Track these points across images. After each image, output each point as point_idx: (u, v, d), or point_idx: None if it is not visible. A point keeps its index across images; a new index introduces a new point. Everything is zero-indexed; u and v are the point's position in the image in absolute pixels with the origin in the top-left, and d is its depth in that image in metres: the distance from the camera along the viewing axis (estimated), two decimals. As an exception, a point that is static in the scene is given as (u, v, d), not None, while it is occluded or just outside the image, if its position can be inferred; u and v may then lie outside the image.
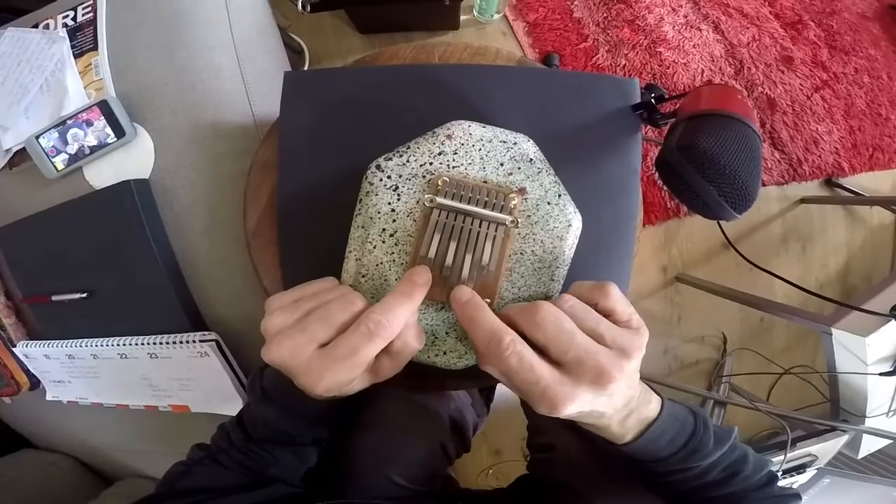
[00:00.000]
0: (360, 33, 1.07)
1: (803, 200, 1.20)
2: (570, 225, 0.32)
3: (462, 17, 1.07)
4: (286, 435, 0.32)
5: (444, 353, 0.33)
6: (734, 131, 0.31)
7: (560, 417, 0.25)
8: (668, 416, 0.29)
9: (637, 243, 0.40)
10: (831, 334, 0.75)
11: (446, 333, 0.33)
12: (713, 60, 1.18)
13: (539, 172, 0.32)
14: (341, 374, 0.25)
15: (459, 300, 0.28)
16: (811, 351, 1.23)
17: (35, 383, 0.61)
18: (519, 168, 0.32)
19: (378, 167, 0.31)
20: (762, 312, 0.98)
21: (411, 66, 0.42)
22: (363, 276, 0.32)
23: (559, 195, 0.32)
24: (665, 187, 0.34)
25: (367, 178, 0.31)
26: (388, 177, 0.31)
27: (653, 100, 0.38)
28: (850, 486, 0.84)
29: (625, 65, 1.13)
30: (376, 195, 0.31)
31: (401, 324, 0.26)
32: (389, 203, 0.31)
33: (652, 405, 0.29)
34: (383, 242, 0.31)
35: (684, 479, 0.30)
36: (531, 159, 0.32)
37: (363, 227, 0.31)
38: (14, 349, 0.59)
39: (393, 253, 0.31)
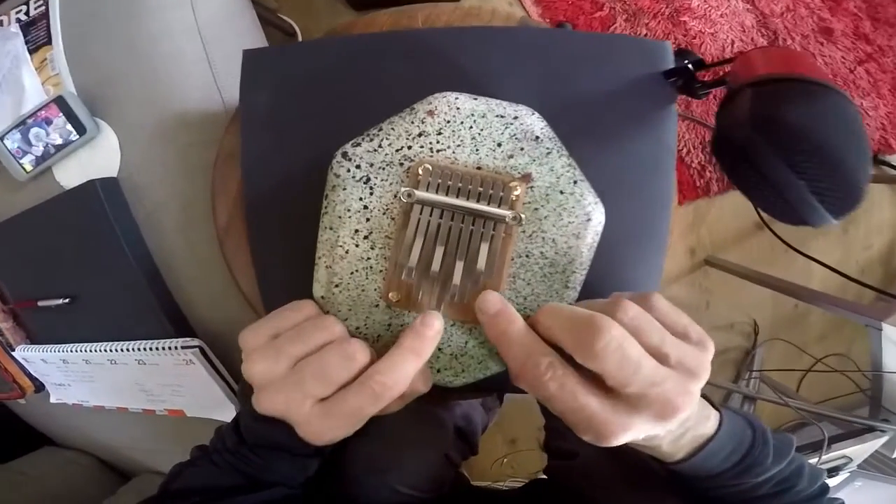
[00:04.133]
0: (355, 10, 1.01)
1: (846, 177, 1.11)
2: (588, 219, 0.27)
3: (465, -14, 1.00)
4: (278, 443, 0.30)
5: (439, 370, 0.29)
6: (829, 102, 0.21)
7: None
8: (726, 434, 0.26)
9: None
10: (881, 329, 0.68)
11: (440, 350, 0.28)
12: (744, 30, 1.09)
13: (548, 154, 0.26)
14: (344, 430, 0.24)
15: (487, 311, 0.25)
16: (847, 339, 1.17)
17: (39, 386, 0.61)
18: (522, 149, 0.26)
19: (344, 155, 0.26)
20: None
21: (390, 33, 0.36)
22: (336, 287, 0.27)
23: (574, 181, 0.27)
24: (728, 177, 0.26)
25: (332, 169, 0.26)
26: (358, 167, 0.26)
27: (690, 66, 0.31)
28: (884, 489, 0.79)
29: (646, 34, 1.05)
30: (344, 189, 0.26)
31: (408, 381, 0.24)
32: (361, 199, 0.26)
33: (710, 422, 0.26)
34: (357, 246, 0.26)
35: (729, 493, 0.27)
36: (537, 137, 0.26)
37: (331, 229, 0.26)
38: (13, 353, 0.59)
39: (369, 258, 0.26)
